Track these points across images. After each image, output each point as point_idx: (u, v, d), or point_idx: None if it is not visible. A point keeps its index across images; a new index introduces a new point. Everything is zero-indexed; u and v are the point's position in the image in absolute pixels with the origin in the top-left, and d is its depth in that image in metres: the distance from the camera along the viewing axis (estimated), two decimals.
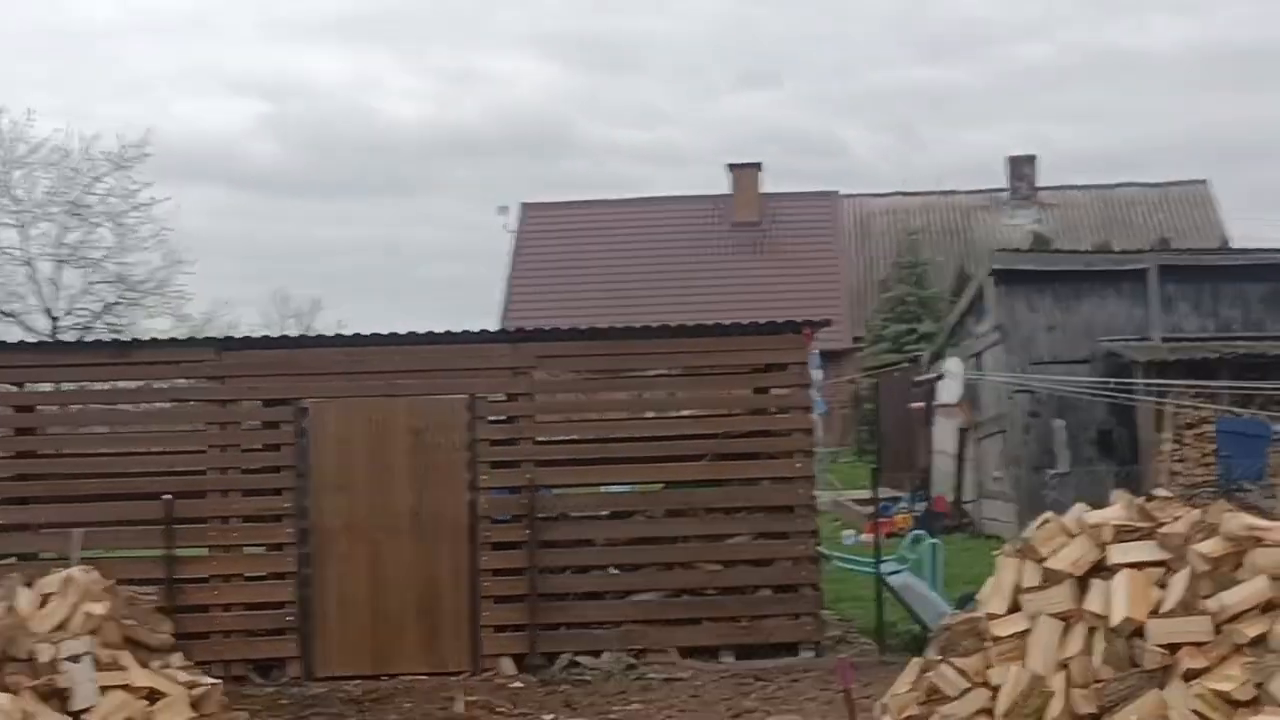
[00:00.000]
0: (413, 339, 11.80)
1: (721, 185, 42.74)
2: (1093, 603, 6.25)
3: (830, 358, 32.65)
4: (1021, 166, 44.03)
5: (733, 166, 42.37)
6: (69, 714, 8.03)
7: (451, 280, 60.98)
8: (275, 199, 59.94)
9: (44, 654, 8.15)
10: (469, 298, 59.84)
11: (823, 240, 41.24)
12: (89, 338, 27.58)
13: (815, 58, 74.99)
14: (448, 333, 11.87)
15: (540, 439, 12.01)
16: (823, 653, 11.60)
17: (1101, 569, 6.40)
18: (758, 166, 42.44)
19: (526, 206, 42.49)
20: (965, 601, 10.98)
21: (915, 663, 7.12)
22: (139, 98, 46.98)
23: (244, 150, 52.86)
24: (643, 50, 69.29)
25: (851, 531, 19.36)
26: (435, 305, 59.15)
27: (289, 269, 68.24)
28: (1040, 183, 44.48)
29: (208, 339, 13.79)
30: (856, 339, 37.13)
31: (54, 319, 30.64)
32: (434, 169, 64.22)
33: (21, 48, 42.02)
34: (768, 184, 42.40)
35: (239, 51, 51.84)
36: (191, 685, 8.79)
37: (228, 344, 12.27)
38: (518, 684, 10.98)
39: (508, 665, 11.41)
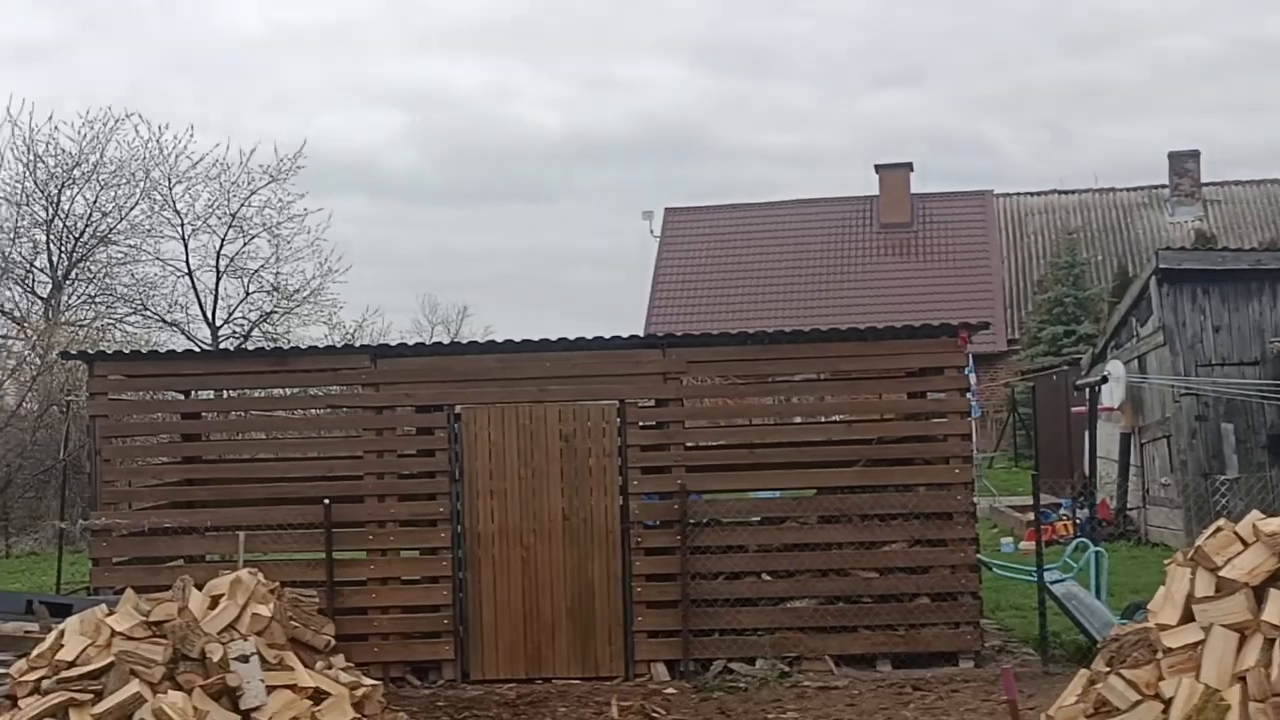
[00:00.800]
0: (563, 345, 11.85)
1: (867, 186, 42.27)
2: (1271, 613, 6.00)
3: (984, 361, 32.11)
4: (1183, 162, 42.56)
5: (881, 167, 41.84)
6: (239, 712, 8.21)
7: (594, 285, 61.44)
8: (418, 208, 61.11)
9: (215, 653, 8.36)
10: (612, 303, 60.18)
11: (976, 240, 40.48)
12: (247, 346, 28.38)
13: (958, 55, 73.77)
14: (598, 338, 11.89)
15: (690, 444, 11.98)
16: (983, 662, 11.34)
17: (1278, 579, 6.13)
18: (908, 167, 41.85)
19: (669, 211, 42.55)
20: (1133, 611, 10.67)
21: (1082, 674, 6.93)
22: (285, 111, 48.38)
23: (387, 160, 54.04)
24: (780, 52, 68.88)
25: (1010, 539, 18.92)
26: (578, 310, 59.65)
27: (434, 276, 69.52)
28: (1203, 178, 42.96)
29: (363, 346, 14.07)
30: (1011, 341, 36.38)
31: (214, 328, 31.61)
32: (573, 175, 64.85)
33: (174, 64, 43.51)
34: (914, 184, 41.79)
35: (381, 64, 53.04)
36: (353, 686, 8.95)
37: (382, 351, 12.47)
38: (671, 690, 10.94)
39: (661, 671, 11.38)
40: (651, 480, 11.69)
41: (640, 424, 11.74)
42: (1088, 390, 20.34)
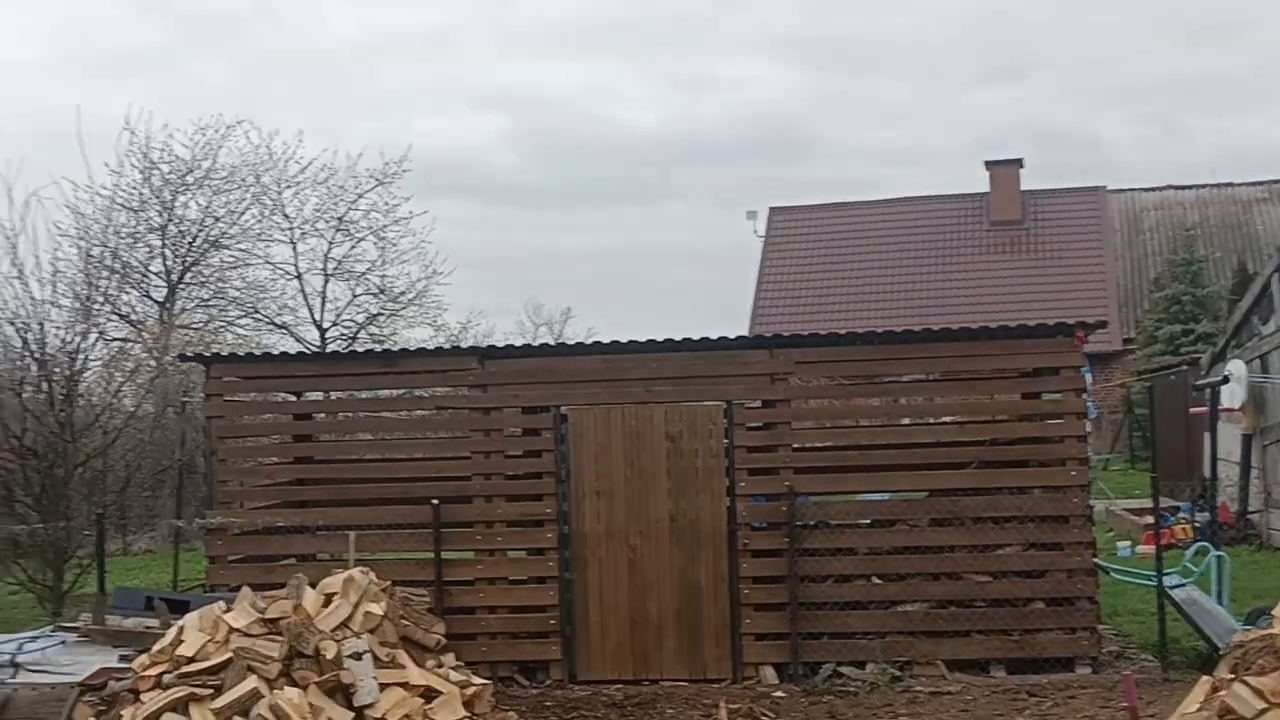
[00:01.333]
0: (670, 346, 11.81)
1: (974, 183, 41.64)
2: None
3: (1099, 360, 31.45)
4: None
5: (991, 163, 41.18)
6: (352, 709, 8.30)
7: (695, 286, 61.27)
8: (518, 210, 61.48)
9: (329, 651, 8.46)
10: (713, 303, 59.91)
11: (1089, 237, 39.67)
12: (354, 348, 28.74)
13: (1064, 49, 72.36)
14: (704, 339, 11.83)
15: (798, 446, 11.87)
16: (1100, 668, 11.08)
17: None
18: (1018, 163, 41.15)
19: (774, 211, 42.32)
20: (1257, 617, 10.35)
21: (1204, 681, 6.74)
22: (384, 115, 48.91)
23: (485, 163, 54.44)
24: (881, 48, 68.16)
25: (1127, 542, 18.49)
26: (679, 311, 59.55)
27: (534, 278, 69.90)
28: None
29: (471, 348, 14.14)
30: (1127, 341, 35.59)
31: (322, 330, 32.06)
32: (672, 176, 64.74)
33: (275, 71, 44.27)
34: (1024, 180, 41.09)
35: (478, 67, 53.40)
36: (464, 685, 9.02)
37: (489, 353, 12.54)
38: (780, 693, 10.84)
39: (769, 674, 11.29)
40: (759, 482, 11.61)
41: (747, 425, 11.66)
42: (1208, 391, 19.80)
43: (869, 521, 12.00)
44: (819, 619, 11.37)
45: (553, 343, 19.19)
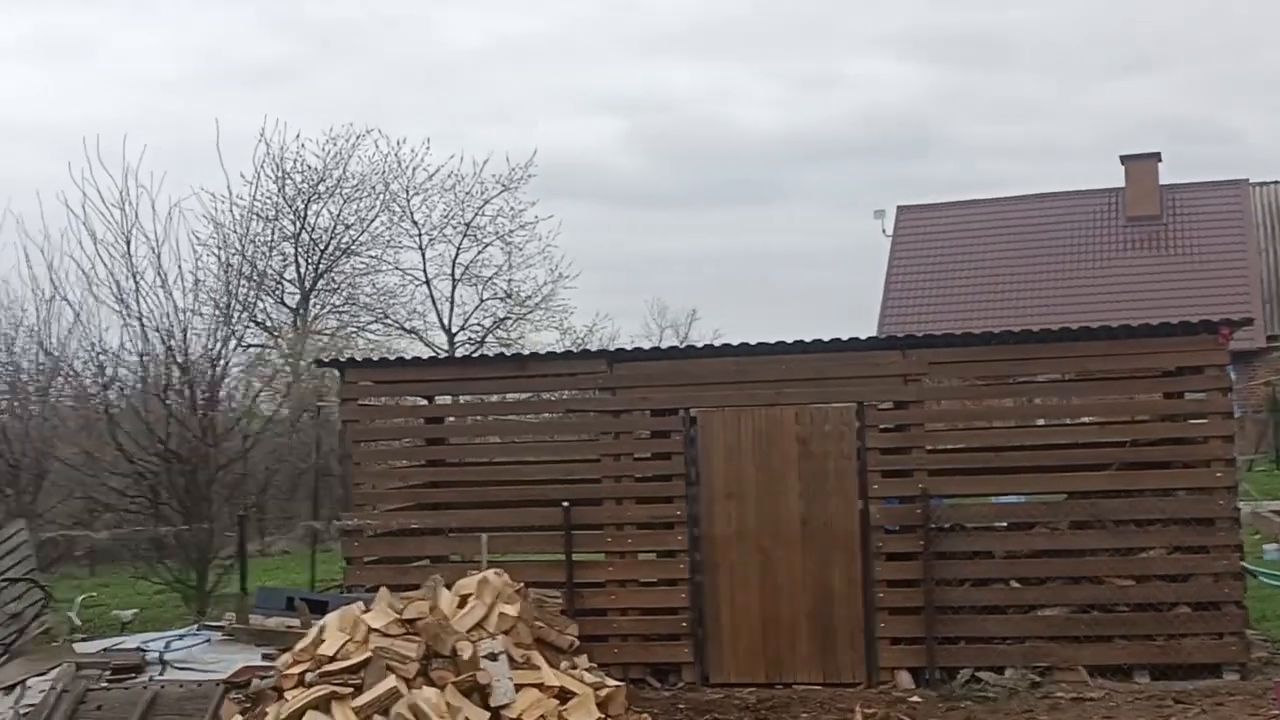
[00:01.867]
0: (800, 347, 11.71)
1: (1107, 178, 40.64)
2: None
3: (1241, 359, 30.47)
4: None
5: (1127, 158, 40.14)
6: (489, 709, 8.38)
7: (819, 286, 60.73)
8: (638, 212, 61.50)
9: (465, 651, 8.56)
10: (838, 304, 59.32)
11: (1231, 232, 38.43)
12: (481, 352, 29.09)
13: (1197, 39, 70.14)
14: (835, 340, 11.71)
15: (932, 448, 11.69)
16: (1249, 675, 10.73)
17: None
18: (1156, 157, 40.04)
19: (902, 210, 41.78)
20: None
21: None
22: (505, 121, 49.30)
23: (605, 166, 54.55)
24: (1007, 43, 66.78)
25: (1274, 545, 17.88)
26: (804, 312, 59.04)
27: (658, 280, 69.81)
28: None
29: (600, 351, 14.19)
30: (1271, 338, 34.43)
31: (450, 334, 32.50)
32: (796, 175, 64.18)
33: (400, 80, 44.95)
34: (1161, 175, 39.99)
35: (597, 70, 53.53)
36: (598, 686, 9.05)
37: (618, 356, 12.56)
38: (916, 699, 10.69)
39: (905, 679, 11.13)
40: (892, 484, 11.45)
41: (880, 427, 11.52)
42: None
43: (1006, 524, 11.79)
44: (956, 623, 11.18)
45: (680, 345, 19.13)
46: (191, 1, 46.42)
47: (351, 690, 8.51)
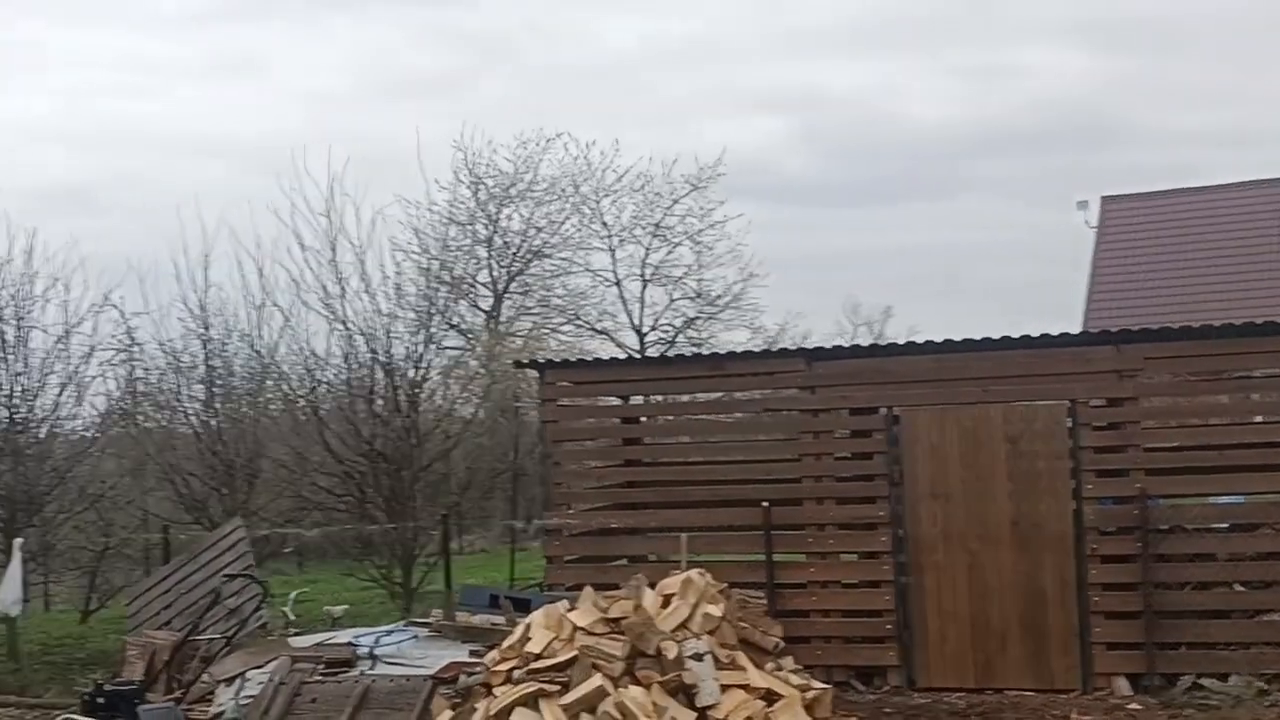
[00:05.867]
0: (1006, 343, 11.40)
1: None
2: None
3: None
4: None
5: None
6: (694, 710, 8.33)
7: (1012, 281, 58.94)
8: (810, 209, 60.63)
9: (670, 651, 8.52)
10: (1036, 298, 57.61)
11: None
12: (672, 352, 29.12)
13: None
14: (1044, 336, 11.36)
15: (1149, 446, 11.23)
16: None
17: None
18: None
19: (1106, 200, 40.37)
20: None
21: None
22: (668, 123, 49.25)
23: (773, 164, 53.96)
24: (1187, 27, 63.76)
25: None
26: (1000, 308, 57.50)
27: (843, 278, 68.85)
28: None
29: (798, 350, 14.06)
30: None
31: (641, 335, 32.63)
32: (970, 168, 62.40)
33: (559, 86, 45.44)
34: None
35: (757, 70, 52.98)
36: (804, 689, 8.91)
37: (817, 354, 12.42)
38: (1134, 706, 10.29)
39: (1122, 685, 10.73)
40: (1107, 484, 11.06)
41: (1093, 425, 11.12)
42: None
43: (1227, 525, 11.26)
44: (1176, 628, 10.74)
45: (879, 343, 18.86)
46: (355, 18, 47.80)
47: (559, 688, 8.56)
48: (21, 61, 46.70)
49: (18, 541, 14.85)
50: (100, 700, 8.76)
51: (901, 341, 12.42)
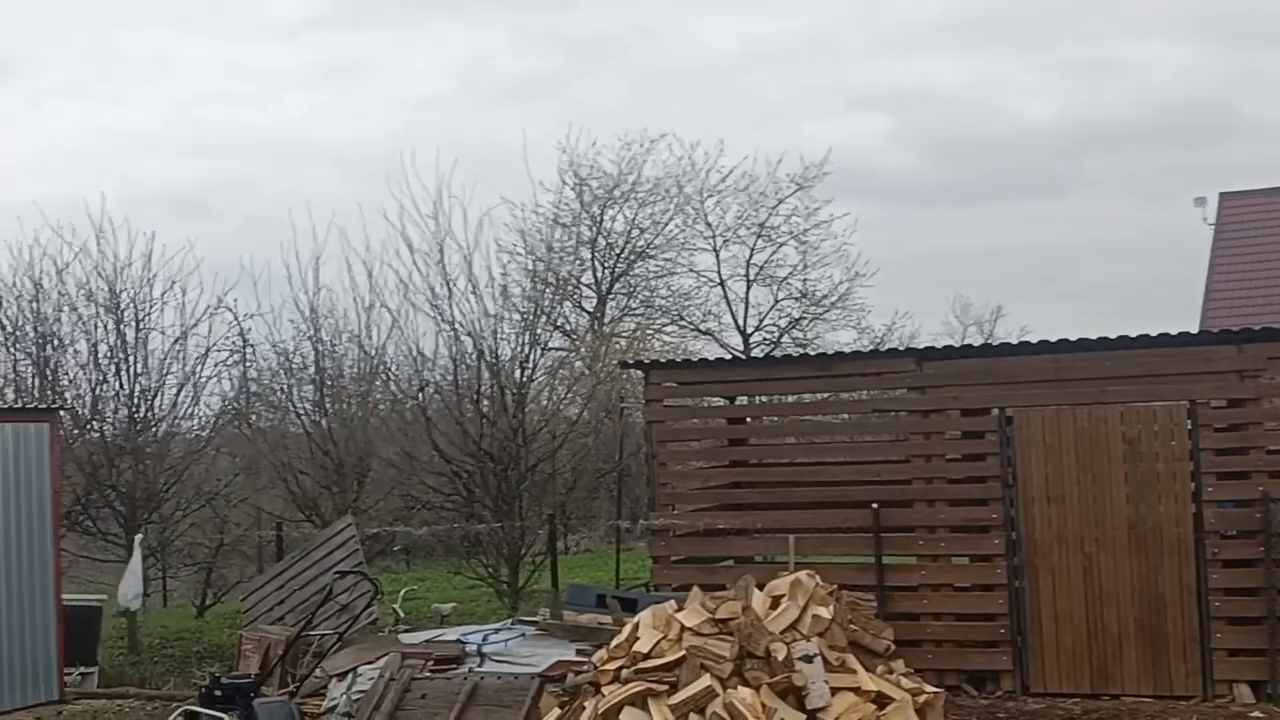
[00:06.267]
0: (1123, 343, 11.15)
1: None
2: None
3: None
4: None
5: None
6: (804, 712, 8.25)
7: (1125, 279, 57.57)
8: (918, 208, 59.78)
9: (779, 652, 8.44)
10: (1151, 297, 56.29)
11: None
12: (776, 353, 28.95)
13: None
14: (1163, 335, 11.10)
15: (1271, 448, 10.91)
16: None
17: None
18: None
19: (1224, 196, 39.35)
20: None
21: None
22: (770, 123, 48.85)
23: (876, 163, 53.26)
24: None
25: None
26: (1115, 308, 56.26)
27: (949, 277, 67.88)
28: None
29: (908, 350, 13.90)
30: None
31: (745, 335, 32.48)
32: (1078, 166, 61.04)
33: (661, 87, 45.36)
34: None
35: (858, 68, 52.29)
36: (915, 693, 8.78)
37: (928, 354, 12.25)
38: (1257, 714, 10.03)
39: (1245, 693, 10.45)
40: (1227, 486, 10.76)
41: (1214, 426, 10.83)
42: None
43: None
44: None
45: (990, 343, 18.50)
46: (456, 21, 48.19)
47: (667, 688, 8.52)
48: (141, 73, 47.94)
49: (137, 538, 15.24)
50: (217, 693, 8.89)
51: (1013, 341, 12.14)
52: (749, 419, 14.07)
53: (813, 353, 14.76)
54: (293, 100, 48.96)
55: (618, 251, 31.84)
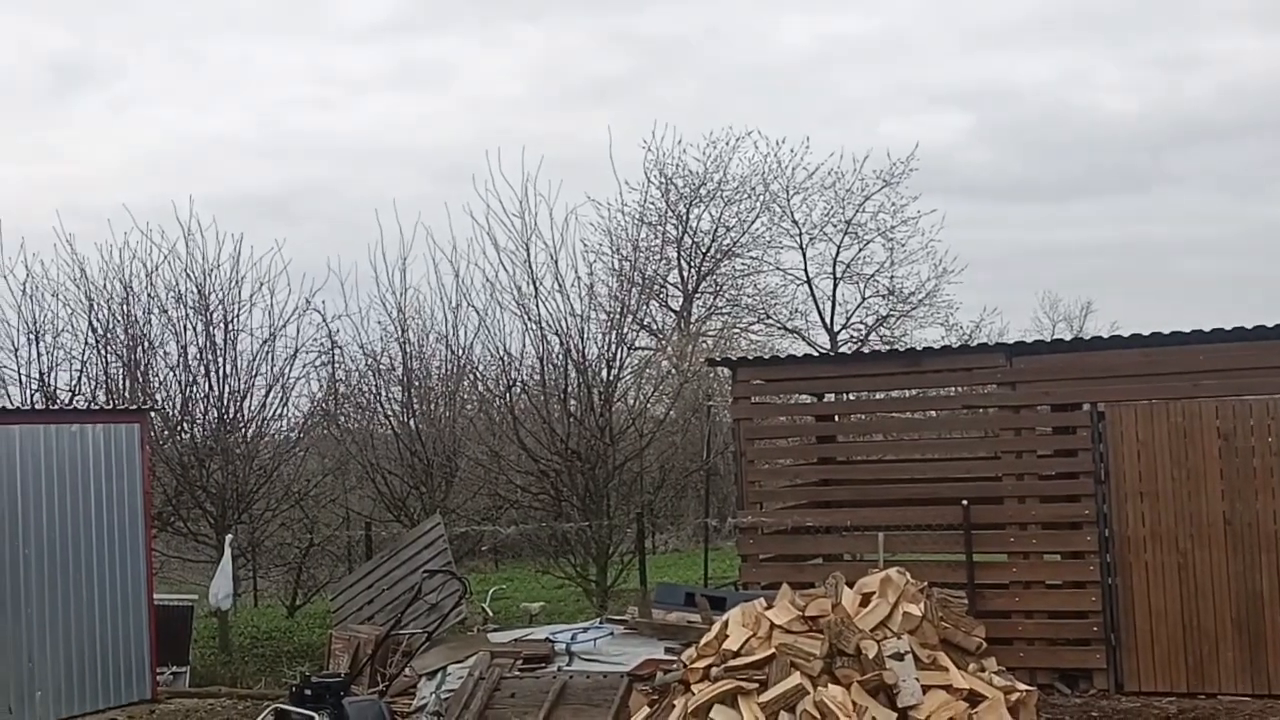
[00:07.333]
0: (1219, 336, 10.94)
1: None
2: None
3: None
4: None
5: None
6: (895, 710, 8.19)
7: (1218, 275, 56.38)
8: (1003, 205, 58.97)
9: (869, 650, 8.39)
10: (1246, 293, 55.04)
11: None
12: (864, 350, 28.81)
13: None
14: (1259, 328, 10.86)
15: None
16: None
17: None
18: None
19: None
20: None
21: None
22: (847, 121, 48.41)
23: (958, 160, 52.57)
24: None
25: None
26: (1209, 303, 55.09)
27: (1036, 274, 66.95)
28: None
29: (998, 345, 13.73)
30: None
31: (832, 333, 32.32)
32: (1170, 161, 59.79)
33: (736, 87, 45.21)
34: None
35: (937, 65, 51.62)
36: (1007, 691, 8.68)
37: (1018, 349, 12.10)
38: None
39: None
40: None
41: None
42: None
43: None
44: None
45: (1081, 338, 18.22)
46: (531, 25, 48.42)
47: (757, 686, 8.51)
48: (224, 78, 48.72)
49: (228, 538, 15.47)
50: (308, 692, 9.00)
51: (1111, 336, 11.94)
52: (837, 416, 14.01)
53: (901, 349, 14.62)
54: (373, 103, 49.53)
55: (704, 250, 31.84)
